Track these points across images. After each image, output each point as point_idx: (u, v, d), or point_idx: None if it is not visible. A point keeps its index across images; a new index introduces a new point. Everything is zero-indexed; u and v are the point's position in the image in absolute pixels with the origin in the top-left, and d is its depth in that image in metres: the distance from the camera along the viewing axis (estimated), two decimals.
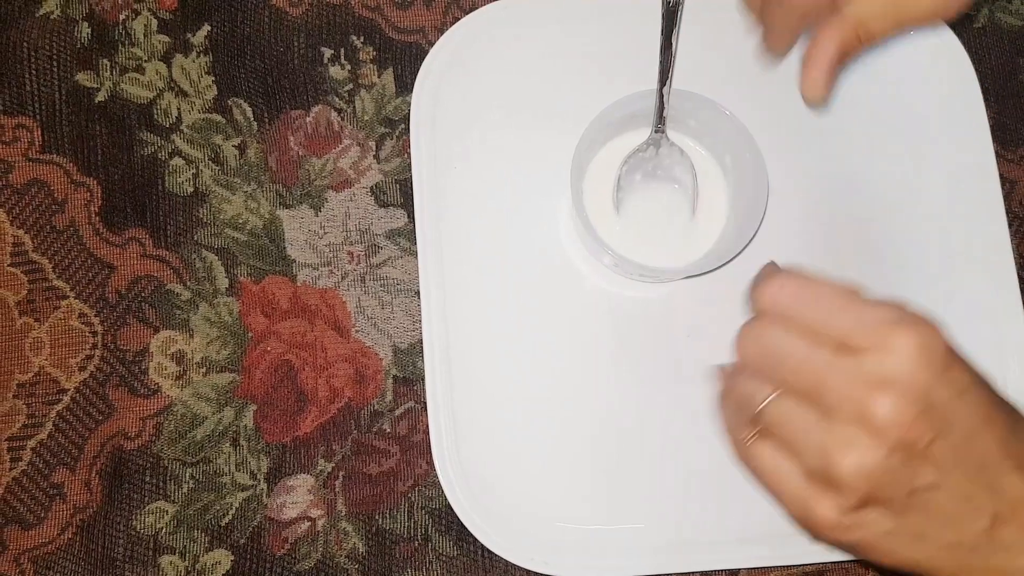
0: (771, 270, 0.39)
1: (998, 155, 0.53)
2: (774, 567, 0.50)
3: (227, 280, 0.52)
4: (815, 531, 0.37)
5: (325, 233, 0.53)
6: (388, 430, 0.51)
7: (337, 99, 0.54)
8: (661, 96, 0.48)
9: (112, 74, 0.54)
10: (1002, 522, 0.36)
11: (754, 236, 0.48)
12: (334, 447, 0.51)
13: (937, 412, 0.35)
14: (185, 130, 0.53)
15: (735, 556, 0.49)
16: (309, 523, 0.50)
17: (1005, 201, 0.53)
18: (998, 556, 0.36)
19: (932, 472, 0.35)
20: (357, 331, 0.52)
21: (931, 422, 0.34)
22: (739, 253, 0.48)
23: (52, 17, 0.54)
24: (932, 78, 0.54)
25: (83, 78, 0.54)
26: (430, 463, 0.50)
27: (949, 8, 0.43)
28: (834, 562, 0.50)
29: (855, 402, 0.34)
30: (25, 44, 0.54)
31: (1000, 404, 0.36)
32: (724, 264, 0.48)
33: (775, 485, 0.37)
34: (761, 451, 0.37)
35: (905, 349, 0.34)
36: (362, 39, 0.54)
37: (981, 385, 0.36)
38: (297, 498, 0.50)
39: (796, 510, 0.37)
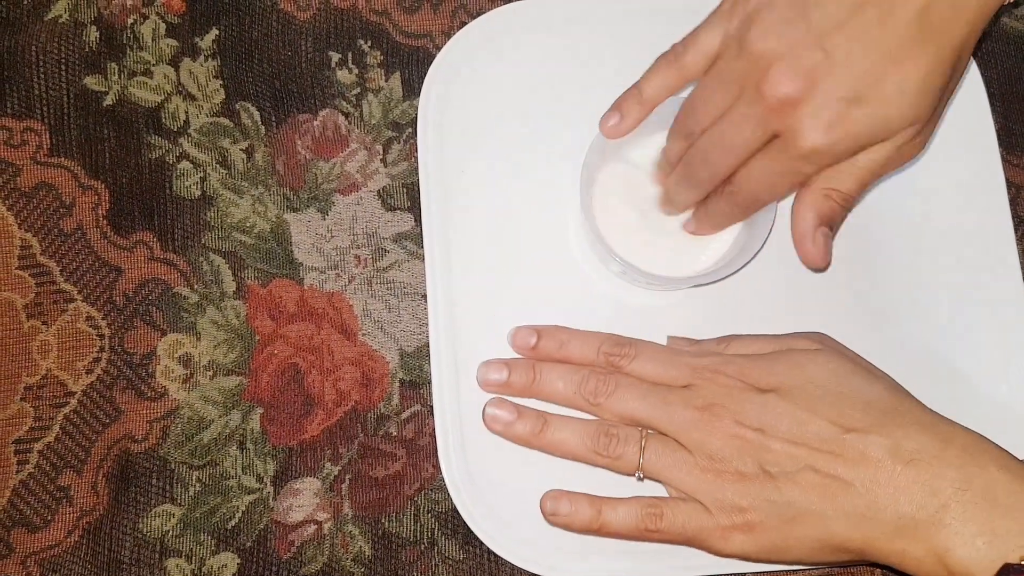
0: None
1: (1004, 160, 0.53)
2: (781, 570, 0.49)
3: (234, 283, 0.52)
4: (717, 538, 0.45)
5: (332, 237, 0.53)
6: (394, 433, 0.51)
7: (344, 103, 0.54)
8: None
9: (120, 78, 0.54)
10: (874, 483, 0.42)
11: (763, 246, 0.48)
12: (340, 450, 0.51)
13: (750, 412, 0.45)
14: (193, 134, 0.53)
15: (745, 561, 0.49)
16: (315, 526, 0.50)
17: (1011, 206, 0.53)
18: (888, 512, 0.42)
19: (774, 451, 0.44)
20: (364, 335, 0.52)
21: (750, 419, 0.45)
22: (748, 262, 0.48)
23: (60, 21, 0.54)
24: None
25: (91, 82, 0.54)
26: (436, 466, 0.50)
27: (904, 156, 0.44)
28: (839, 565, 0.50)
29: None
30: (33, 48, 0.54)
31: (832, 388, 0.44)
32: (733, 273, 0.49)
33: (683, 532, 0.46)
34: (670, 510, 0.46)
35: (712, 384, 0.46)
36: (369, 43, 0.55)
37: (790, 389, 0.45)
38: (303, 501, 0.50)
39: (708, 539, 0.45)
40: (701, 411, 0.45)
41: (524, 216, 0.52)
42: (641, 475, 0.47)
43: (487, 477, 0.49)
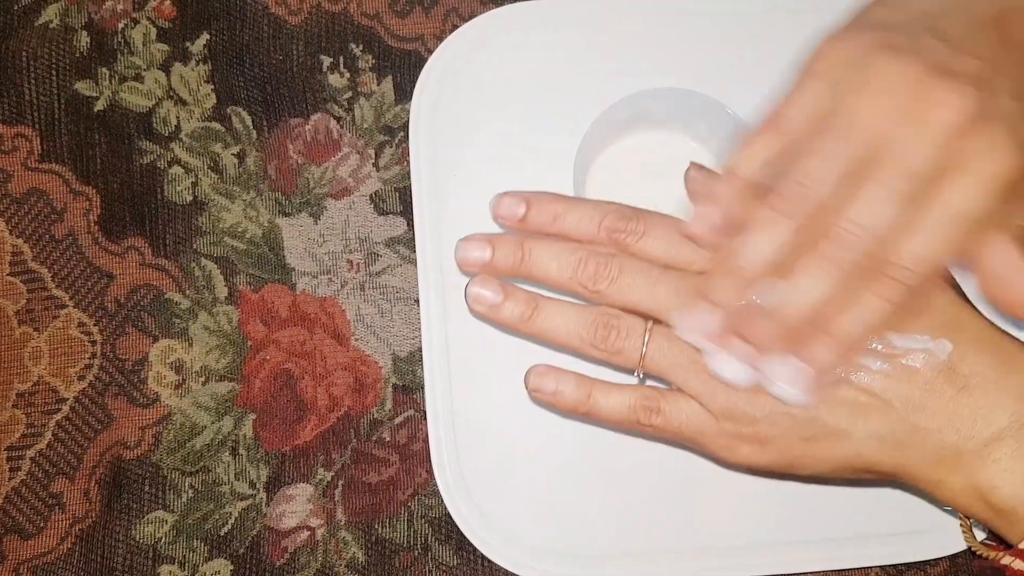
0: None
1: None
2: (783, 574, 0.49)
3: (226, 289, 0.52)
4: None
5: (324, 241, 0.52)
6: (387, 439, 0.51)
7: (336, 107, 0.54)
8: None
9: (111, 83, 0.54)
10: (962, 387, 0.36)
11: None
12: (333, 456, 0.51)
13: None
14: (184, 139, 0.53)
15: (741, 564, 0.49)
16: (308, 532, 0.50)
17: None
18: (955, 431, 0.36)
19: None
20: (356, 340, 0.52)
21: None
22: None
23: (51, 26, 0.54)
24: None
25: (82, 87, 0.54)
26: (430, 472, 0.49)
27: None
28: (837, 570, 0.50)
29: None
30: (24, 53, 0.54)
31: None
32: None
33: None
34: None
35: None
36: (361, 47, 0.54)
37: None
38: (296, 507, 0.50)
39: (709, 445, 0.40)
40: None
41: None
42: (641, 372, 0.41)
43: (481, 482, 0.49)
